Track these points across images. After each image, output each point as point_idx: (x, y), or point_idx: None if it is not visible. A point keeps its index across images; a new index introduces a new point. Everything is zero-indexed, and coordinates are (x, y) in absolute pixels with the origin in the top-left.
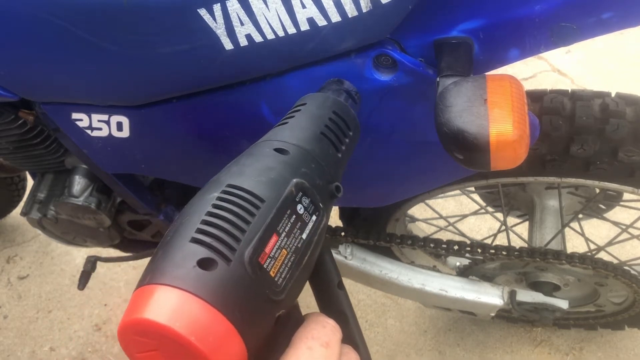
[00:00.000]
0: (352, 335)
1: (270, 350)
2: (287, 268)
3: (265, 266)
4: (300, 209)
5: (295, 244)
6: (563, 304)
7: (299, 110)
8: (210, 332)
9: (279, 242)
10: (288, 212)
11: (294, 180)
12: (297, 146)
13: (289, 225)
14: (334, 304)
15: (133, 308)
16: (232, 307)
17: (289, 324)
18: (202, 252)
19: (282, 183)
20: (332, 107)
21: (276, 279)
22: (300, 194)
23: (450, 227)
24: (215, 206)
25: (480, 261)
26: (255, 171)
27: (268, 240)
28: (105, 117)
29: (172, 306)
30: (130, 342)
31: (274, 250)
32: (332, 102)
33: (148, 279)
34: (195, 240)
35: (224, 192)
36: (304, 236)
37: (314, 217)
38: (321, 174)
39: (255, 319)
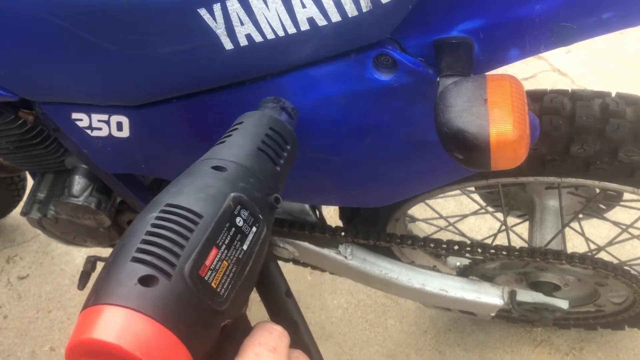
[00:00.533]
0: (303, 341)
1: (219, 359)
2: (228, 279)
3: (206, 278)
4: (239, 221)
5: (236, 255)
6: (563, 304)
7: (236, 129)
8: (155, 346)
9: (219, 254)
10: (227, 225)
11: (232, 194)
12: (234, 163)
13: (228, 238)
14: (283, 312)
15: (79, 329)
16: (176, 320)
17: (237, 333)
18: (143, 270)
19: (220, 198)
20: (269, 123)
21: (218, 290)
22: (239, 207)
23: (450, 227)
24: (154, 225)
25: (480, 261)
26: (193, 189)
27: (208, 254)
28: (105, 117)
29: (117, 324)
30: None
31: (214, 263)
32: (269, 119)
33: (93, 299)
34: (136, 259)
35: (163, 211)
36: (245, 247)
37: (254, 229)
38: (260, 187)
39: (200, 330)
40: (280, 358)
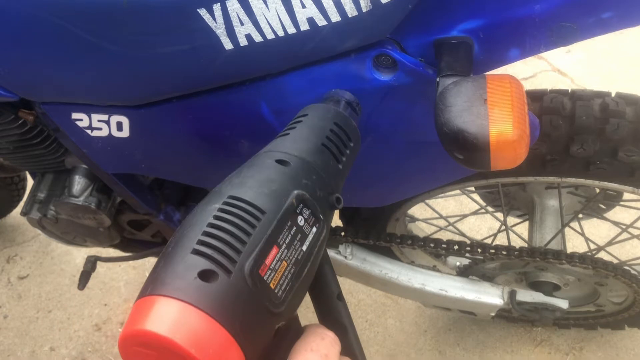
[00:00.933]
0: (351, 347)
1: None
2: (287, 280)
3: (265, 278)
4: (300, 220)
5: (295, 256)
6: (563, 304)
7: (300, 121)
8: (209, 343)
9: (280, 253)
10: (289, 223)
11: (295, 191)
12: (298, 157)
13: (289, 237)
14: (334, 316)
15: (134, 319)
16: (232, 319)
17: (289, 335)
18: (203, 264)
19: (283, 194)
20: (334, 118)
21: (276, 291)
22: (301, 205)
23: (450, 227)
24: (217, 217)
25: (480, 261)
26: (256, 182)
27: (269, 252)
28: (105, 117)
29: (173, 318)
30: (131, 352)
31: (274, 262)
32: (334, 114)
33: (150, 289)
34: (197, 252)
35: (225, 203)
36: (304, 248)
37: (314, 229)
38: (322, 185)
39: (255, 331)
40: None
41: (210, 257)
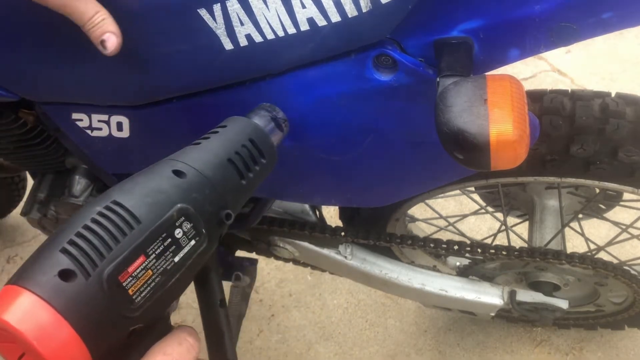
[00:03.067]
0: (225, 353)
1: (125, 359)
2: (148, 287)
3: (124, 284)
4: (178, 233)
5: (164, 266)
6: (563, 304)
7: (216, 132)
8: (53, 338)
9: (146, 263)
10: (163, 235)
11: (178, 205)
12: (196, 170)
13: (161, 248)
14: (214, 321)
15: None
16: (80, 319)
17: (151, 336)
18: (66, 263)
19: (165, 206)
20: (250, 134)
21: (134, 297)
22: (182, 218)
23: (450, 227)
24: (93, 220)
25: (480, 261)
26: (144, 191)
27: (133, 261)
28: (105, 117)
29: (24, 310)
30: None
31: (137, 271)
32: (252, 129)
33: (15, 278)
34: (64, 251)
35: (107, 207)
36: (177, 259)
37: (192, 242)
38: (214, 200)
39: (104, 331)
40: None
41: (75, 257)
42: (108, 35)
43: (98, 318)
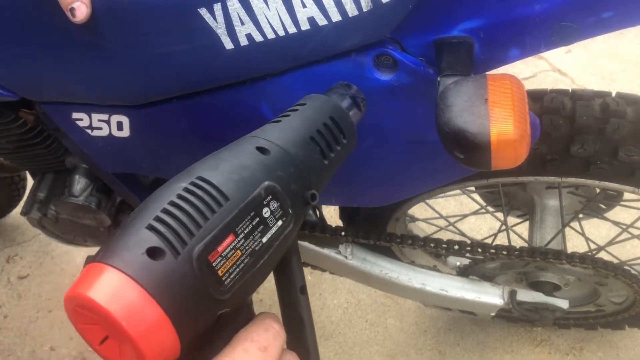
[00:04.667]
0: (305, 341)
1: (211, 345)
2: (238, 269)
3: (214, 265)
4: (266, 212)
5: (252, 247)
6: (563, 304)
7: (296, 109)
8: (142, 319)
9: (235, 242)
10: (252, 214)
11: (266, 182)
12: (280, 148)
13: (249, 227)
14: (294, 308)
15: (80, 282)
16: (170, 299)
17: (235, 322)
18: (154, 241)
19: (252, 184)
20: (330, 112)
21: (223, 279)
22: (270, 197)
23: (451, 227)
24: (179, 196)
25: (480, 261)
26: (229, 167)
27: (223, 240)
28: (105, 116)
29: (112, 288)
30: (74, 312)
31: (227, 250)
32: (332, 107)
33: (100, 256)
34: (151, 228)
35: (192, 183)
36: (264, 240)
37: (279, 222)
38: (299, 179)
39: (194, 314)
40: (269, 358)
41: (163, 235)
42: (78, 4)
43: (188, 300)
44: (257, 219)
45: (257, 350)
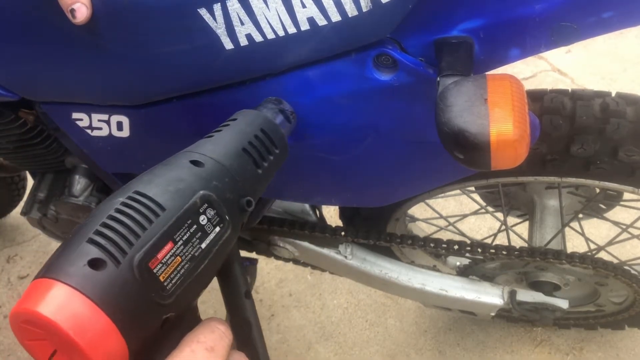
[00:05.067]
0: (253, 342)
1: (158, 350)
2: (179, 274)
3: (155, 271)
4: (203, 219)
5: (192, 253)
6: (563, 304)
7: (227, 125)
8: (89, 328)
9: (174, 249)
10: (189, 221)
11: (201, 192)
12: (214, 160)
13: (187, 234)
14: (240, 312)
15: (24, 298)
16: (115, 306)
17: (181, 326)
18: (95, 253)
19: (188, 194)
20: (261, 125)
21: (165, 284)
22: (205, 205)
23: (451, 227)
24: (117, 210)
25: (480, 261)
26: (164, 181)
27: (162, 247)
28: (105, 116)
29: (58, 301)
30: (20, 329)
31: (166, 257)
32: (262, 120)
33: (43, 272)
34: (91, 241)
35: (129, 197)
36: (203, 246)
37: (217, 229)
38: (234, 188)
39: (139, 320)
40: (216, 357)
41: (103, 247)
42: (79, 5)
43: (132, 306)
44: (195, 226)
45: (204, 351)
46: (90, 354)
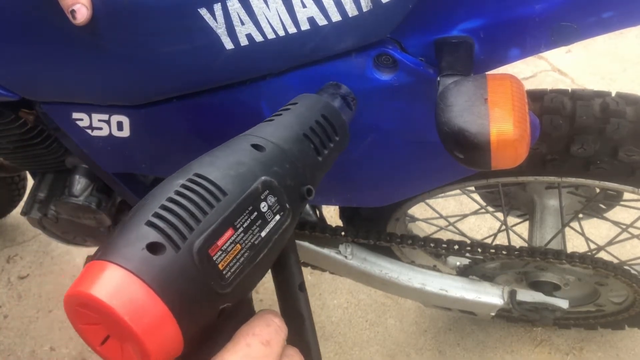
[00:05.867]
0: (305, 337)
1: (213, 341)
2: (238, 263)
3: (214, 258)
4: (263, 206)
5: (251, 241)
6: (563, 304)
7: (288, 109)
8: (145, 314)
9: (234, 236)
10: (250, 208)
11: (262, 177)
12: (275, 144)
13: (248, 221)
14: (293, 305)
15: (81, 280)
16: (172, 293)
17: (236, 317)
18: (154, 236)
19: (249, 179)
20: (322, 110)
21: (224, 272)
22: (267, 192)
23: (451, 227)
24: (178, 193)
25: (480, 261)
26: (225, 164)
27: (222, 234)
28: (105, 116)
29: (114, 284)
30: (74, 312)
31: (227, 244)
32: (323, 105)
33: (100, 254)
34: (150, 224)
35: (190, 180)
36: (263, 234)
37: (277, 217)
38: (294, 175)
39: (196, 308)
40: (272, 352)
41: (162, 230)
42: (79, 6)
43: (189, 294)
44: (255, 213)
45: (259, 344)
46: (145, 341)
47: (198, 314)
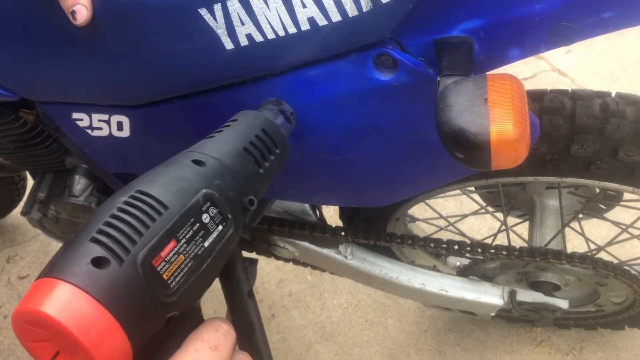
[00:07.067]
0: (256, 342)
1: (162, 350)
2: (182, 272)
3: (158, 269)
4: (205, 218)
5: (195, 251)
6: (563, 304)
7: (228, 125)
8: (93, 326)
9: (177, 247)
10: (192, 220)
11: (203, 190)
12: (215, 159)
13: (190, 233)
14: (242, 312)
15: (28, 297)
16: (118, 305)
17: (184, 325)
18: (98, 251)
19: (190, 192)
20: (262, 125)
21: (169, 282)
22: (208, 204)
23: (451, 227)
24: (120, 209)
25: (480, 261)
26: (167, 180)
27: (165, 245)
28: (105, 116)
29: (61, 300)
30: (23, 330)
31: (170, 255)
32: (263, 121)
33: (46, 271)
34: (94, 240)
35: (132, 197)
36: (206, 244)
37: (219, 227)
38: (236, 187)
39: (143, 318)
40: (220, 356)
41: (106, 245)
42: (79, 7)
43: (136, 304)
44: (198, 224)
45: (208, 349)
46: (94, 353)
47: (145, 324)
